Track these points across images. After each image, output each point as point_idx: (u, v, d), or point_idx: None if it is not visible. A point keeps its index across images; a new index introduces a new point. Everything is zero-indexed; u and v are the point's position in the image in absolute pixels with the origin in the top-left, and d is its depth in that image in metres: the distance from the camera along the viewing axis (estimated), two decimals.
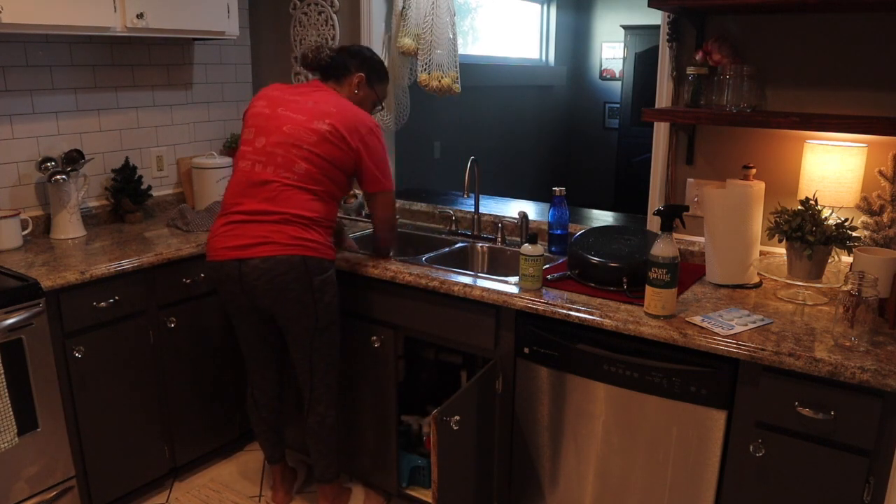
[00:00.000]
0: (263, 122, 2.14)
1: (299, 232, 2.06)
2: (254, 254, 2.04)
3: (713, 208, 2.02)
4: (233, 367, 2.72)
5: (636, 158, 6.00)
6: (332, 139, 2.08)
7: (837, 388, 1.58)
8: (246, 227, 2.07)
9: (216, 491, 2.60)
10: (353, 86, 2.24)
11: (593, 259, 2.05)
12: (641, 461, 1.92)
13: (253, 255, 2.04)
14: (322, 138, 2.08)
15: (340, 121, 2.10)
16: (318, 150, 2.08)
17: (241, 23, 3.10)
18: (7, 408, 1.97)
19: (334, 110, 2.11)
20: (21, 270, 2.16)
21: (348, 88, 2.24)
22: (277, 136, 2.10)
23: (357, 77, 2.24)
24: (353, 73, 2.24)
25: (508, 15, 5.70)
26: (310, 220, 2.08)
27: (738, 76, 2.04)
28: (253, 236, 2.05)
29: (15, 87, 2.51)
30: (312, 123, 2.09)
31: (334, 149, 2.09)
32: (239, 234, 2.07)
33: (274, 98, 2.18)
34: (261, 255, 2.04)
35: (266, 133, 2.12)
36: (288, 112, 2.13)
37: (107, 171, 2.82)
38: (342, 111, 2.12)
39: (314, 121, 2.09)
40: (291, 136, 2.09)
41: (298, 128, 2.09)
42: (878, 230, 1.96)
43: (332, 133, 2.08)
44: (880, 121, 1.83)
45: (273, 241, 2.04)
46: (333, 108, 2.12)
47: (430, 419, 1.82)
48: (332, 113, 2.11)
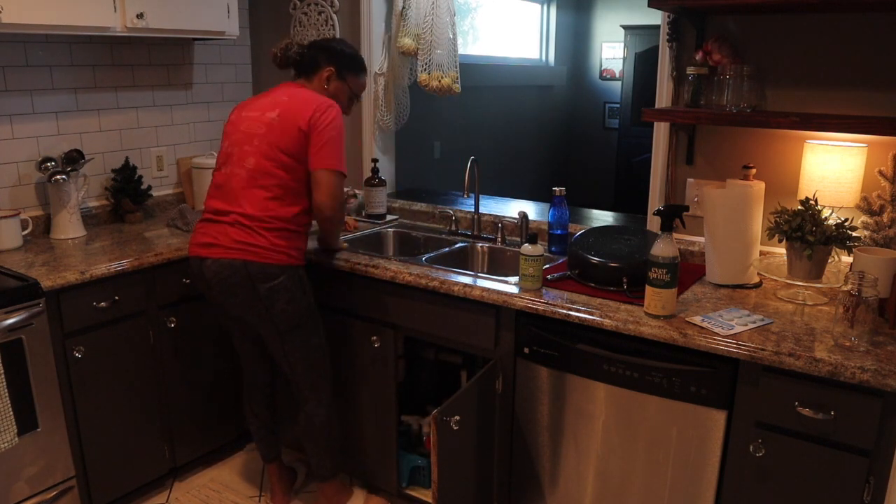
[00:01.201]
0: (230, 128, 2.19)
1: (242, 235, 2.04)
2: (209, 254, 2.08)
3: (713, 208, 2.02)
4: (232, 367, 2.72)
5: (636, 158, 6.00)
6: (281, 125, 2.07)
7: (837, 388, 1.58)
8: (209, 225, 2.11)
9: (216, 491, 2.60)
10: (323, 80, 2.22)
11: (593, 259, 2.05)
12: (641, 461, 1.92)
13: (208, 255, 2.08)
14: (270, 127, 2.07)
15: (290, 106, 2.08)
16: (268, 139, 2.07)
17: (241, 23, 3.10)
18: (7, 408, 1.97)
19: (286, 99, 2.11)
20: (21, 270, 2.16)
21: (318, 83, 2.22)
22: (235, 137, 2.14)
23: (326, 71, 2.22)
24: (322, 68, 2.22)
25: (508, 15, 5.70)
26: (258, 223, 2.05)
27: (738, 76, 2.04)
28: (209, 234, 2.09)
29: (15, 87, 2.51)
30: (265, 115, 2.10)
31: (282, 135, 2.06)
32: (205, 231, 2.12)
33: (241, 106, 2.23)
34: (213, 256, 2.06)
35: (228, 136, 2.17)
36: (248, 112, 2.16)
37: (107, 171, 2.82)
38: (294, 98, 2.11)
39: (266, 113, 2.10)
40: (246, 132, 2.11)
41: (252, 124, 2.11)
42: (878, 230, 1.96)
43: (280, 119, 2.07)
44: (880, 121, 1.83)
45: (220, 243, 2.06)
46: (286, 98, 2.12)
47: (430, 419, 1.82)
48: (283, 101, 2.11)
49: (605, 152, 6.51)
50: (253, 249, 2.04)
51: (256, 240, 2.05)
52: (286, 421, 2.60)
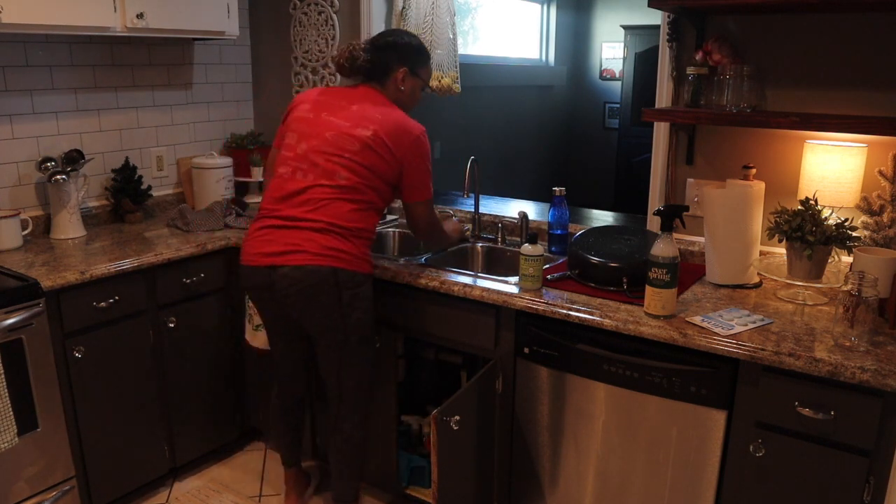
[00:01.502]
0: (306, 127, 2.07)
1: (333, 242, 1.97)
2: (285, 261, 1.97)
3: (713, 208, 2.02)
4: (233, 366, 2.73)
5: (636, 158, 6.00)
6: (375, 147, 2.00)
7: (837, 388, 1.58)
8: (280, 232, 2.00)
9: (216, 491, 2.60)
10: (399, 82, 2.13)
11: (593, 259, 2.05)
12: (641, 461, 1.92)
13: (284, 263, 1.97)
14: (364, 146, 2.00)
15: (384, 128, 2.01)
16: (360, 158, 2.00)
17: (241, 23, 3.10)
18: (7, 408, 1.97)
19: (379, 116, 2.03)
20: (21, 270, 2.16)
21: (393, 86, 2.14)
22: (319, 143, 2.03)
23: (400, 72, 2.13)
24: (395, 70, 2.13)
25: (508, 15, 5.70)
26: (347, 231, 1.99)
27: (738, 76, 2.04)
28: (286, 243, 1.98)
29: (15, 87, 2.51)
30: (355, 130, 2.01)
31: (377, 158, 2.01)
32: (272, 239, 2.00)
33: (319, 102, 2.12)
34: (292, 263, 1.96)
35: (308, 138, 2.05)
36: (331, 117, 2.06)
37: (107, 171, 2.82)
38: (387, 118, 2.04)
39: (357, 127, 2.02)
40: (333, 142, 2.01)
41: (341, 134, 2.02)
42: (878, 230, 1.96)
43: (374, 140, 2.00)
44: (880, 121, 1.83)
45: (305, 249, 1.96)
46: (378, 115, 2.04)
47: (430, 419, 1.82)
48: (377, 119, 2.02)
49: (605, 152, 6.51)
50: (343, 256, 1.98)
51: (346, 246, 1.98)
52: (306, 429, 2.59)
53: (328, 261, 1.96)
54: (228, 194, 2.96)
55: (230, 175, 2.98)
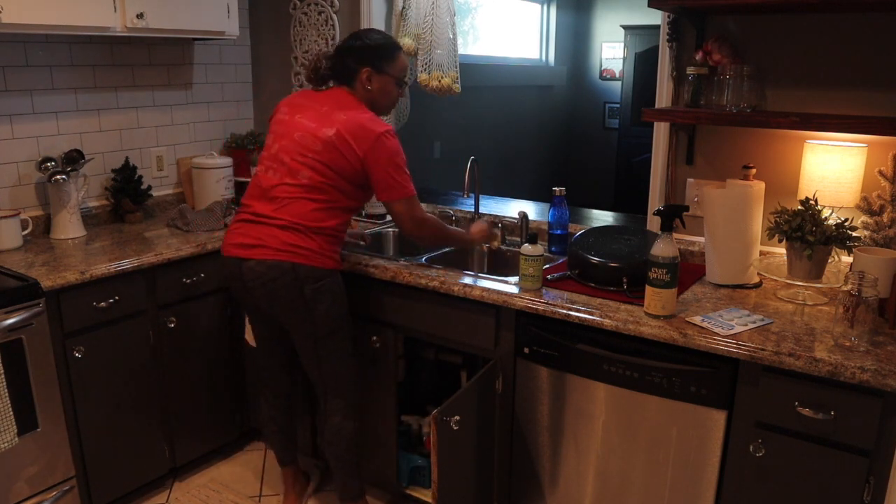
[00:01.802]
0: (281, 129, 2.15)
1: (293, 238, 2.04)
2: (251, 255, 2.06)
3: (713, 208, 2.02)
4: (232, 366, 2.73)
5: (636, 158, 6.00)
6: (338, 147, 2.04)
7: (837, 388, 1.58)
8: (250, 227, 2.09)
9: (216, 491, 2.60)
10: (364, 82, 2.15)
11: (593, 259, 2.05)
12: (641, 461, 1.92)
13: (250, 256, 2.06)
14: (327, 147, 2.05)
15: (347, 128, 2.05)
16: (323, 157, 2.05)
17: (241, 23, 3.10)
18: (7, 408, 1.97)
19: (344, 117, 2.07)
20: (21, 270, 2.16)
21: (361, 87, 2.16)
22: (287, 142, 2.10)
23: (363, 73, 2.14)
24: (358, 72, 2.15)
25: (508, 15, 5.70)
26: (308, 228, 2.05)
27: (738, 76, 2.04)
28: (252, 236, 2.07)
29: (15, 87, 2.51)
30: (320, 130, 2.07)
31: (338, 157, 2.04)
32: (244, 232, 2.10)
33: (295, 105, 2.18)
34: (256, 257, 2.05)
35: (280, 139, 2.13)
36: (303, 119, 2.12)
37: (107, 171, 2.82)
38: (351, 118, 2.07)
39: (322, 128, 2.07)
40: (300, 142, 2.08)
41: (307, 135, 2.08)
42: (878, 230, 1.96)
43: (337, 140, 2.04)
44: (880, 121, 1.83)
45: (267, 244, 2.04)
46: (343, 116, 2.07)
47: (430, 419, 1.82)
48: (341, 119, 2.07)
49: (605, 152, 6.51)
50: (302, 252, 2.03)
51: (306, 243, 2.04)
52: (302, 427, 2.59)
53: (287, 256, 2.03)
54: (228, 194, 2.96)
55: (230, 175, 2.98)
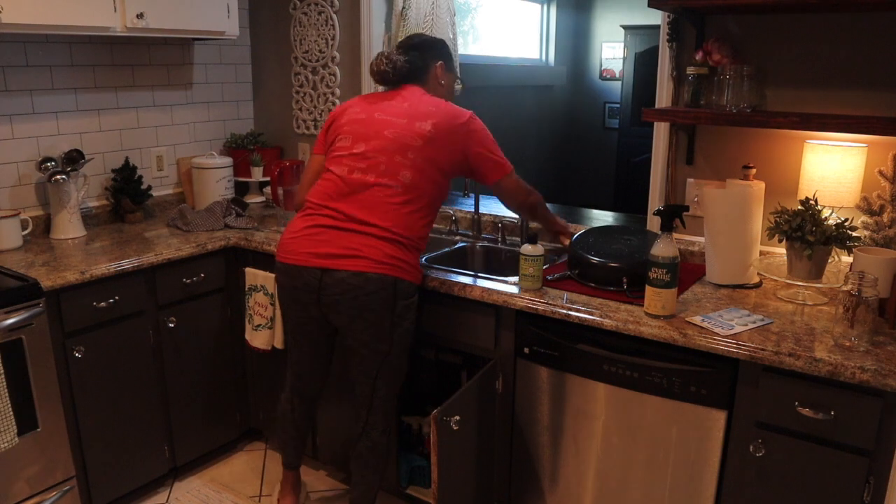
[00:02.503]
0: (362, 129, 2.04)
1: (395, 251, 1.93)
2: (342, 265, 1.91)
3: (713, 208, 2.02)
4: (233, 366, 2.73)
5: (636, 158, 6.00)
6: (441, 141, 1.99)
7: (837, 388, 1.58)
8: (336, 234, 1.94)
9: (216, 491, 2.60)
10: (438, 77, 2.17)
11: (593, 259, 2.05)
12: (641, 461, 1.92)
13: (340, 267, 1.91)
14: (428, 142, 1.99)
15: (442, 119, 2.01)
16: (426, 155, 1.98)
17: (241, 23, 3.10)
18: (7, 408, 1.97)
19: (433, 109, 2.03)
20: (21, 270, 2.16)
21: (434, 81, 2.16)
22: (379, 142, 2.00)
23: (438, 66, 2.16)
24: (432, 66, 2.16)
25: (508, 15, 5.70)
26: (407, 240, 1.96)
27: (738, 76, 2.04)
28: (343, 246, 1.92)
29: (15, 87, 2.51)
30: (414, 126, 2.00)
31: (438, 150, 2.00)
32: (327, 240, 1.94)
33: (370, 103, 2.11)
34: (351, 268, 1.90)
35: (366, 139, 2.02)
36: (385, 116, 2.04)
37: (107, 171, 2.82)
38: (440, 109, 2.04)
39: (416, 122, 2.00)
40: (395, 141, 1.99)
41: (401, 131, 2.00)
42: (878, 230, 1.96)
43: (437, 132, 1.99)
44: (880, 121, 1.82)
45: (367, 255, 1.91)
46: (433, 108, 2.03)
47: (430, 419, 1.82)
48: (432, 112, 2.02)
49: (605, 152, 6.51)
50: (405, 267, 1.96)
51: (406, 256, 1.96)
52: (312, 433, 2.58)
53: (392, 270, 1.93)
54: (228, 194, 2.96)
55: (230, 175, 2.98)
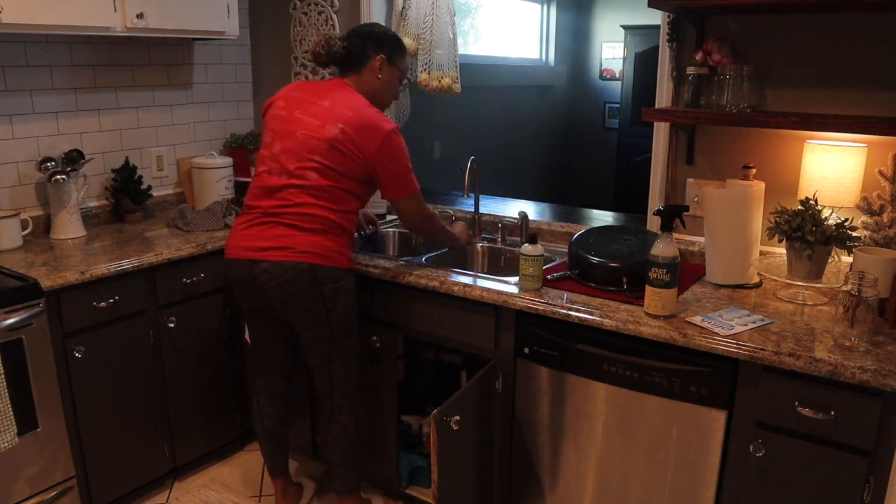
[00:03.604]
0: (280, 126, 2.08)
1: (309, 239, 2.00)
2: (265, 256, 2.00)
3: (713, 208, 2.02)
4: (233, 367, 2.73)
5: (636, 158, 6.00)
6: (343, 147, 1.99)
7: (837, 388, 1.58)
8: (261, 228, 2.03)
9: (216, 491, 2.60)
10: (376, 70, 2.11)
11: (593, 259, 2.05)
12: (641, 461, 1.92)
13: (263, 258, 2.00)
14: (331, 146, 1.99)
15: (353, 126, 1.99)
16: (328, 160, 2.00)
17: (241, 23, 3.10)
18: (7, 408, 1.97)
19: (349, 113, 2.01)
20: (21, 270, 2.16)
21: (370, 74, 2.11)
22: (291, 143, 2.03)
23: (378, 59, 2.10)
24: (372, 58, 2.10)
25: (508, 15, 5.70)
26: (321, 229, 2.01)
27: (738, 76, 2.04)
28: (266, 237, 2.01)
29: (15, 87, 2.51)
30: (324, 129, 2.00)
31: (345, 158, 2.00)
32: (254, 234, 2.04)
33: (292, 99, 2.11)
34: (272, 258, 1.99)
35: (282, 138, 2.06)
36: (304, 115, 2.05)
37: (107, 171, 2.82)
38: (357, 115, 2.01)
39: (327, 125, 2.00)
40: (303, 143, 2.01)
41: (310, 134, 2.01)
42: (878, 230, 1.96)
43: (343, 139, 1.99)
44: (880, 121, 1.83)
45: (282, 245, 1.99)
46: (348, 111, 2.01)
47: (430, 419, 1.82)
48: (346, 116, 2.00)
49: (605, 152, 6.50)
50: (320, 252, 2.00)
51: (323, 243, 2.01)
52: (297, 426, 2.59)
53: (306, 257, 1.99)
54: (228, 194, 2.96)
55: (230, 175, 2.98)
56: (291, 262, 1.98)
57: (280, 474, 2.41)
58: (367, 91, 2.12)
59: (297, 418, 2.65)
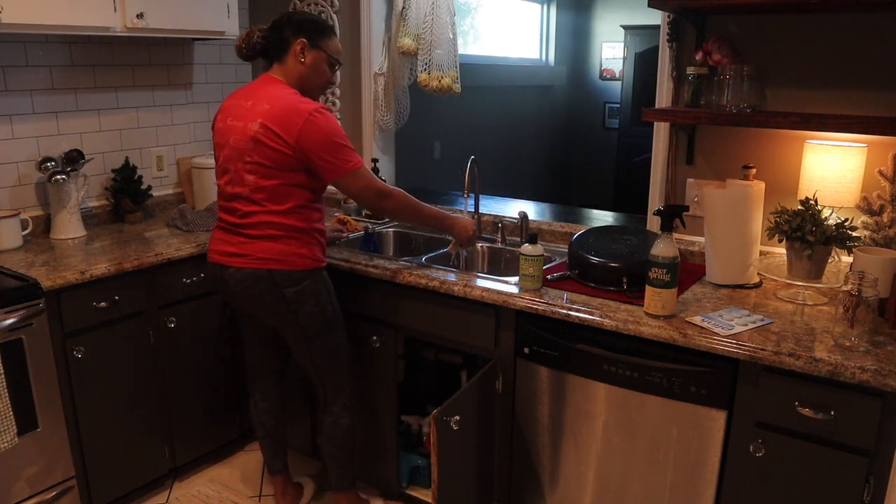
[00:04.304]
0: (219, 138, 2.09)
1: (265, 245, 2.01)
2: (231, 262, 2.05)
3: (713, 208, 2.02)
4: (233, 366, 2.72)
5: (636, 158, 5.99)
6: (267, 141, 1.94)
7: (837, 388, 1.58)
8: (227, 234, 2.09)
9: (216, 491, 2.60)
10: (297, 54, 2.04)
11: (593, 259, 2.05)
12: (641, 461, 1.92)
13: (229, 264, 2.06)
14: (256, 143, 1.96)
15: (271, 116, 1.94)
16: (256, 157, 1.97)
17: (241, 23, 3.10)
18: (7, 408, 1.97)
19: (267, 106, 1.96)
20: (21, 270, 2.16)
21: (293, 60, 2.05)
22: (228, 151, 2.04)
23: (298, 44, 2.03)
24: (291, 43, 2.04)
25: (508, 15, 5.70)
26: (277, 236, 2.01)
27: (738, 76, 2.04)
28: (231, 243, 2.06)
29: (15, 87, 2.51)
30: (246, 129, 1.98)
31: (273, 152, 1.95)
32: (224, 239, 2.09)
33: (226, 108, 2.10)
34: (234, 265, 2.04)
35: (221, 148, 2.08)
36: (234, 121, 2.04)
37: (107, 171, 2.82)
38: (274, 104, 1.96)
39: (248, 124, 1.98)
40: (236, 148, 2.01)
41: (239, 137, 2.00)
42: (878, 230, 1.96)
43: (263, 133, 1.94)
44: (880, 121, 1.83)
45: (241, 252, 2.03)
46: (266, 104, 1.96)
47: (430, 419, 1.82)
48: (265, 110, 1.96)
49: (605, 152, 6.50)
50: (277, 258, 2.01)
51: (279, 247, 2.01)
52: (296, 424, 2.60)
53: (262, 263, 2.01)
54: None
55: None
56: (251, 269, 2.02)
57: (279, 472, 2.42)
58: (293, 80, 2.06)
59: (296, 418, 2.66)
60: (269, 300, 2.04)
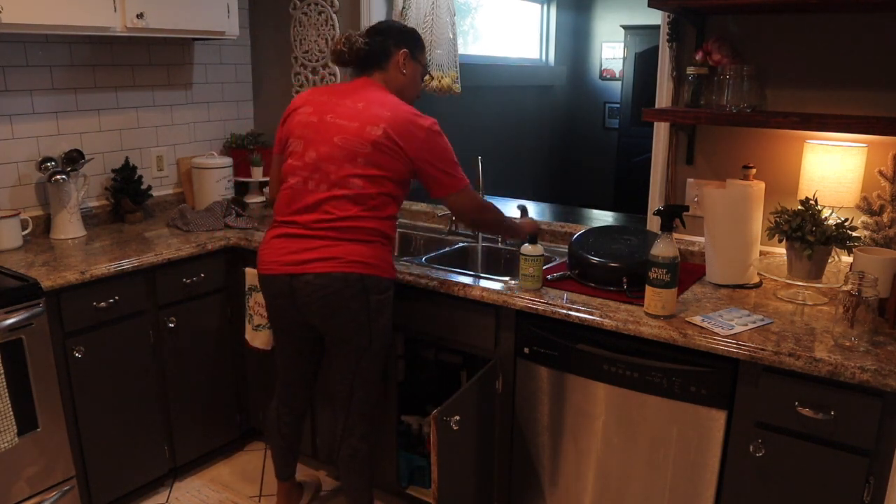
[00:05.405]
0: (312, 133, 1.97)
1: (357, 248, 1.92)
2: (308, 269, 1.92)
3: (713, 208, 2.02)
4: (233, 366, 2.73)
5: (636, 158, 5.99)
6: (387, 148, 1.91)
7: (837, 388, 1.58)
8: (299, 241, 1.95)
9: (216, 491, 2.60)
10: (400, 66, 2.04)
11: (593, 259, 2.05)
12: (641, 461, 1.92)
13: (305, 271, 1.92)
14: (375, 148, 1.91)
15: (394, 126, 1.91)
16: (373, 163, 1.91)
17: (241, 23, 3.10)
18: (7, 408, 1.97)
19: (388, 113, 1.92)
20: (21, 270, 2.16)
21: (395, 71, 2.04)
22: (329, 149, 1.94)
23: (401, 54, 2.03)
24: (395, 53, 2.03)
25: (508, 15, 5.70)
26: (368, 238, 1.94)
27: (738, 76, 2.04)
28: (308, 249, 1.93)
29: (15, 87, 2.51)
30: (364, 131, 1.91)
31: (390, 160, 1.92)
32: (293, 249, 1.95)
33: (321, 103, 2.01)
34: (316, 270, 1.91)
35: (316, 145, 1.96)
36: (337, 119, 1.95)
37: (107, 171, 2.82)
38: (396, 114, 1.93)
39: (366, 127, 1.92)
40: (344, 148, 1.92)
41: (350, 137, 1.92)
42: (878, 230, 1.96)
43: (385, 141, 1.91)
44: (880, 121, 1.83)
45: (330, 256, 1.91)
46: (387, 112, 1.93)
47: (430, 419, 1.82)
48: (386, 116, 1.92)
49: (605, 152, 6.50)
50: (370, 262, 1.93)
51: (370, 252, 1.94)
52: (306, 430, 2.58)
53: (355, 267, 1.92)
54: (228, 194, 2.96)
55: (230, 175, 2.98)
56: (340, 273, 1.91)
57: (287, 478, 2.40)
58: (394, 89, 2.04)
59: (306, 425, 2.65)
60: (354, 307, 1.94)
